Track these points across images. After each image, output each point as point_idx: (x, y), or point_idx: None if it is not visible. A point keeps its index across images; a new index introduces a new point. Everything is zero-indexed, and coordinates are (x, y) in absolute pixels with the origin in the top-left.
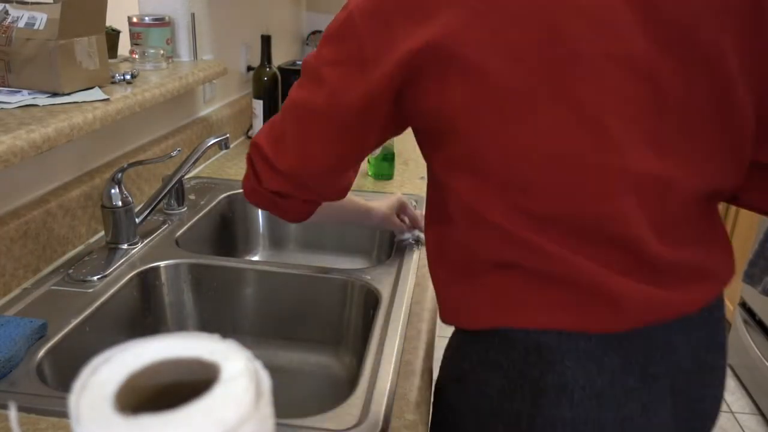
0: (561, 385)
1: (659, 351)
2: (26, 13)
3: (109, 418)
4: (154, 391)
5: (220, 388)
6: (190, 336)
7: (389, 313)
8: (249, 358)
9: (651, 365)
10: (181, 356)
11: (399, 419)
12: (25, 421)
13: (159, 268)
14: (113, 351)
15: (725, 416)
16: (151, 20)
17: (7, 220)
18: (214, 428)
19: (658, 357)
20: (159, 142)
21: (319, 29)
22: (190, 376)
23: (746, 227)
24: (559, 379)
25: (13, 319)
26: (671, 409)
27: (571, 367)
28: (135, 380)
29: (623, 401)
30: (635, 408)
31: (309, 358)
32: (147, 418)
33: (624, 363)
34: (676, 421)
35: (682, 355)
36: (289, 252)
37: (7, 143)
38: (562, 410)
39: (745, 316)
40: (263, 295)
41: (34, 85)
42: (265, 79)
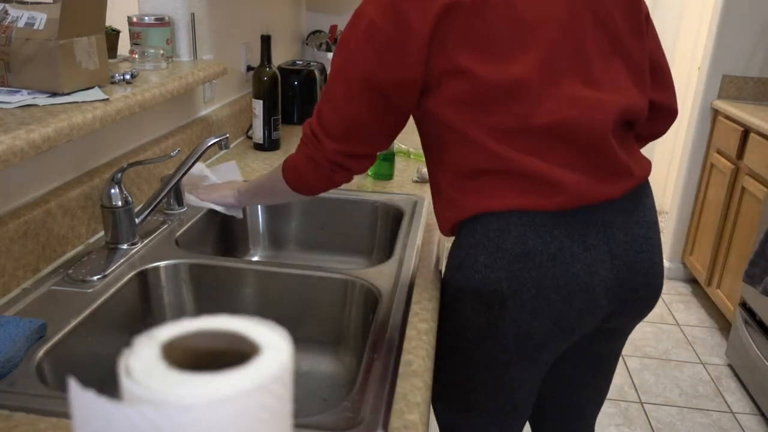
0: (525, 251)
1: (596, 227)
2: (26, 12)
3: (163, 373)
4: (193, 356)
5: (266, 352)
6: (228, 317)
7: (389, 313)
8: (279, 332)
9: (589, 236)
10: (220, 328)
11: (399, 419)
12: (25, 421)
13: (159, 268)
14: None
15: (725, 416)
16: (151, 20)
17: (6, 220)
18: (261, 375)
19: (595, 231)
20: (159, 142)
21: (319, 29)
22: (228, 346)
23: (746, 228)
24: (524, 247)
25: (13, 319)
26: (611, 270)
27: (531, 237)
28: (177, 343)
29: (571, 262)
30: (581, 268)
31: (309, 358)
32: (203, 374)
33: (569, 234)
34: (617, 278)
35: (617, 229)
36: (289, 252)
37: (6, 143)
38: (529, 271)
39: (745, 316)
40: (263, 295)
41: (33, 85)
42: (265, 79)
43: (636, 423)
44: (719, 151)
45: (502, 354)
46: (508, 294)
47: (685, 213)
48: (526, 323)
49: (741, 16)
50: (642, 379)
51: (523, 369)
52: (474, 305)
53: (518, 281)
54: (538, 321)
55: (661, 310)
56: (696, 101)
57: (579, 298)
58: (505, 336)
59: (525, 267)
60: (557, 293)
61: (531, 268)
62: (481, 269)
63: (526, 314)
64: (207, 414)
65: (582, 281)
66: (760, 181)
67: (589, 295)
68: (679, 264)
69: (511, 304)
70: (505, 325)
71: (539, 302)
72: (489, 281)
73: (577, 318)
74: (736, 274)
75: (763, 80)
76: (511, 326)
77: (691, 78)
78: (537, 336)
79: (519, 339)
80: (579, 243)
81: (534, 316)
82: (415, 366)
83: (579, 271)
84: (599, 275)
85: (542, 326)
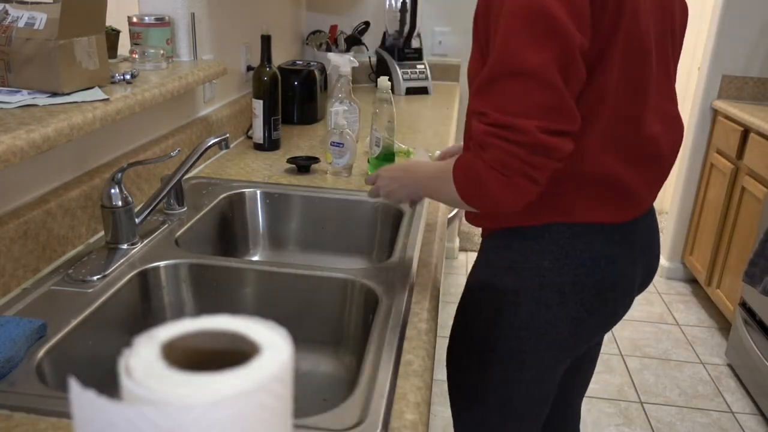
0: (592, 257)
1: (639, 230)
2: (26, 12)
3: (163, 373)
4: (193, 356)
5: (266, 352)
6: (227, 317)
7: (389, 313)
8: (279, 332)
9: (635, 237)
10: (220, 328)
11: (399, 419)
12: (25, 421)
13: (159, 268)
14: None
15: (725, 416)
16: (151, 20)
17: (6, 220)
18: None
19: (638, 233)
20: (159, 142)
21: (319, 29)
22: (228, 346)
23: (746, 228)
24: (591, 254)
25: (13, 319)
26: (641, 267)
27: (598, 247)
28: (177, 343)
29: (625, 264)
30: (631, 270)
31: (309, 358)
32: (203, 374)
33: (626, 239)
34: (640, 276)
35: (645, 232)
36: (289, 252)
37: (6, 143)
38: (593, 275)
39: (745, 316)
40: (263, 295)
41: (33, 84)
42: (265, 78)
43: (636, 423)
44: (719, 151)
45: (554, 351)
46: (570, 296)
47: (685, 213)
48: (582, 320)
49: (741, 16)
50: (642, 379)
51: (564, 363)
52: (530, 306)
53: (581, 284)
54: (593, 318)
55: (661, 310)
56: (696, 101)
57: (628, 295)
58: (560, 333)
59: (590, 271)
60: (614, 293)
61: (595, 272)
62: (545, 273)
63: (584, 312)
64: (207, 414)
65: (630, 279)
66: (760, 181)
67: (631, 292)
68: (679, 264)
69: (571, 305)
70: (562, 324)
71: (598, 302)
72: (552, 284)
73: (621, 314)
74: (736, 274)
75: (763, 80)
76: (568, 325)
77: (691, 78)
78: (588, 332)
79: (574, 336)
80: (627, 245)
81: (591, 314)
82: (415, 366)
83: (629, 273)
84: (636, 272)
85: (594, 323)
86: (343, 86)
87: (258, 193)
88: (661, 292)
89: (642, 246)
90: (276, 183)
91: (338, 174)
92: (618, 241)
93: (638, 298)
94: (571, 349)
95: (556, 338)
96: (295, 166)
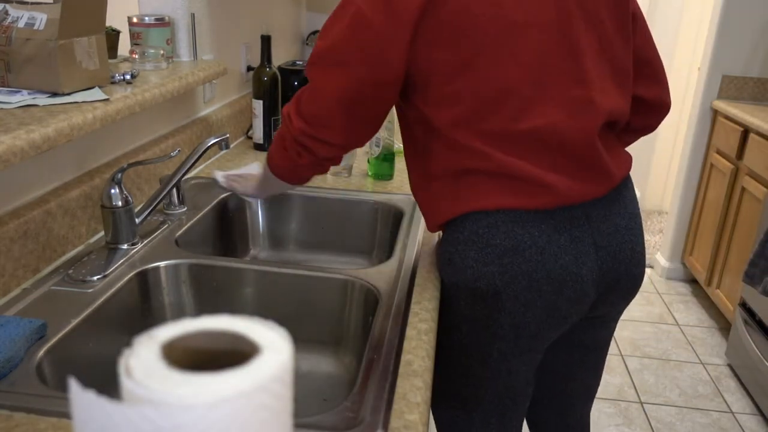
0: (514, 246)
1: (580, 220)
2: (26, 13)
3: (163, 373)
4: (193, 356)
5: (266, 352)
6: (228, 317)
7: (389, 313)
8: (279, 332)
9: (575, 229)
10: (220, 328)
11: (399, 419)
12: (25, 421)
13: (159, 269)
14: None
15: (725, 416)
16: (151, 20)
17: (7, 220)
18: (261, 375)
19: (580, 224)
20: (159, 142)
21: (319, 29)
22: (228, 346)
23: (746, 228)
24: (512, 242)
25: (13, 319)
26: (596, 260)
27: (519, 232)
28: (177, 343)
29: (559, 254)
30: (569, 259)
31: (309, 358)
32: (203, 374)
33: (555, 228)
34: (601, 268)
35: (600, 222)
36: (289, 252)
37: (7, 143)
38: (519, 265)
39: (745, 316)
40: (263, 295)
41: (33, 85)
42: (265, 79)
43: (636, 423)
44: (719, 151)
45: (498, 344)
46: (501, 287)
47: (685, 213)
48: (520, 314)
49: (741, 16)
50: (642, 379)
51: (519, 359)
52: (467, 299)
53: (509, 274)
54: (531, 311)
55: (661, 310)
56: (696, 101)
57: (569, 287)
58: (500, 326)
59: (515, 260)
60: (548, 284)
61: (521, 261)
62: (472, 264)
63: (519, 305)
64: (207, 414)
65: (570, 272)
66: (760, 181)
67: (578, 285)
68: (679, 264)
69: (504, 297)
70: (500, 317)
71: (531, 293)
72: (481, 275)
73: (568, 307)
74: (736, 274)
75: (763, 80)
76: (505, 317)
77: (691, 78)
78: (531, 325)
79: (514, 329)
80: (566, 236)
81: (527, 307)
82: (415, 366)
83: (567, 262)
84: (586, 265)
85: (535, 316)
86: None
87: None
88: (661, 292)
89: (592, 241)
90: None
91: (338, 174)
92: (546, 231)
93: (638, 298)
94: (517, 342)
95: (498, 332)
96: None
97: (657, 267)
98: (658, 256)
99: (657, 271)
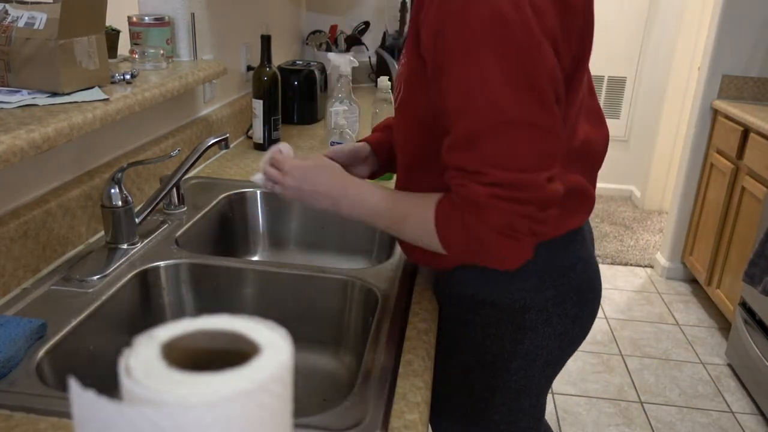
0: (570, 264)
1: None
2: (26, 12)
3: (163, 373)
4: (193, 356)
5: (266, 352)
6: (228, 317)
7: (389, 313)
8: (279, 332)
9: (585, 229)
10: (220, 328)
11: (399, 419)
12: (25, 421)
13: (159, 268)
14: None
15: (725, 416)
16: (151, 20)
17: (7, 220)
18: (261, 375)
19: (590, 232)
20: (159, 142)
21: (319, 29)
22: (228, 346)
23: (746, 228)
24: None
25: (13, 319)
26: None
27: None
28: (177, 343)
29: (594, 263)
30: (596, 263)
31: (309, 358)
32: (203, 374)
33: (588, 239)
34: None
35: (588, 226)
36: (289, 252)
37: (7, 143)
38: (571, 282)
39: (745, 316)
40: (263, 295)
41: (33, 84)
42: (265, 79)
43: (636, 423)
44: (719, 151)
45: (548, 372)
46: (552, 310)
47: (685, 213)
48: (569, 331)
49: (741, 16)
50: (642, 379)
51: (556, 374)
52: (514, 335)
53: (562, 296)
54: (577, 326)
55: (661, 310)
56: (696, 101)
57: (600, 292)
58: (550, 352)
59: (569, 279)
60: (592, 293)
61: (573, 278)
62: (526, 296)
63: (569, 322)
64: (207, 414)
65: (599, 274)
66: (760, 181)
67: (601, 289)
68: (679, 264)
69: (555, 320)
70: (550, 342)
71: (578, 307)
72: (534, 305)
73: (596, 313)
74: (736, 274)
75: (763, 80)
76: (555, 341)
77: (691, 78)
78: (574, 341)
79: (562, 351)
80: (592, 245)
81: (574, 322)
82: (415, 366)
83: (597, 268)
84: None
85: (579, 330)
86: (343, 86)
87: (258, 193)
88: (661, 292)
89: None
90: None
91: None
92: (584, 242)
93: (638, 297)
94: (560, 364)
95: (546, 358)
96: None
97: (657, 267)
98: (658, 255)
99: (657, 271)
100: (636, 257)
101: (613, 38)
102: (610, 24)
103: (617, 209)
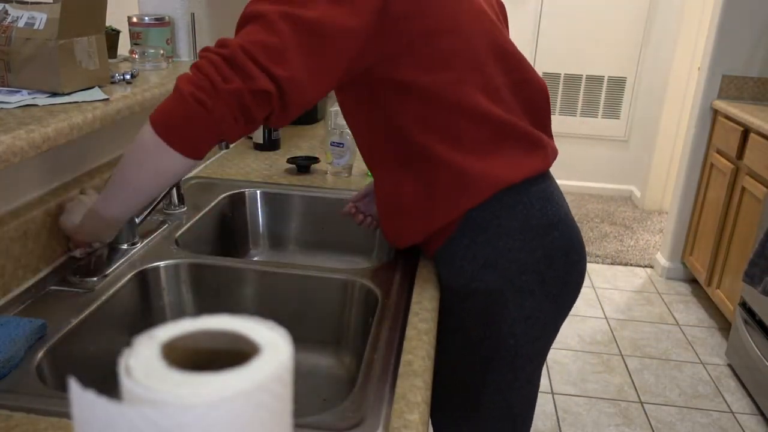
0: (550, 223)
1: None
2: (26, 12)
3: (163, 373)
4: (193, 356)
5: (266, 351)
6: (228, 317)
7: (389, 313)
8: (279, 332)
9: (551, 189)
10: (220, 328)
11: (399, 419)
12: (25, 421)
13: (159, 268)
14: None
15: (725, 416)
16: (151, 20)
17: (7, 220)
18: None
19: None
20: None
21: None
22: (228, 346)
23: (746, 228)
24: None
25: (13, 319)
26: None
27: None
28: (177, 343)
29: (573, 220)
30: (560, 208)
31: (309, 358)
32: (203, 374)
33: (561, 196)
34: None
35: (554, 185)
36: (289, 252)
37: (6, 143)
38: (556, 241)
39: (745, 316)
40: (263, 295)
41: (33, 84)
42: None
43: (636, 423)
44: (719, 151)
45: (545, 338)
46: (545, 272)
47: (685, 213)
48: (560, 294)
49: (741, 16)
50: (642, 379)
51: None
52: (515, 298)
53: (552, 255)
54: (568, 288)
55: (661, 310)
56: (696, 101)
57: (584, 250)
58: (547, 314)
59: (554, 237)
60: (577, 253)
61: (557, 237)
62: (516, 254)
63: (560, 284)
64: (207, 414)
65: (563, 213)
66: (760, 181)
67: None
68: (679, 264)
69: (549, 281)
70: (546, 304)
71: (568, 268)
72: (526, 266)
73: (584, 275)
74: (736, 274)
75: (763, 80)
76: (550, 303)
77: (691, 78)
78: (566, 304)
79: (556, 315)
80: (548, 193)
81: (565, 284)
82: (415, 366)
83: (558, 209)
84: (564, 209)
85: (569, 292)
86: None
87: (258, 193)
88: (661, 292)
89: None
90: (276, 183)
91: (338, 174)
92: (558, 199)
93: (638, 297)
94: (555, 330)
95: (544, 321)
96: (295, 166)
97: (657, 267)
98: (658, 255)
99: (657, 271)
100: (636, 257)
101: (613, 38)
102: (610, 24)
103: (617, 209)
